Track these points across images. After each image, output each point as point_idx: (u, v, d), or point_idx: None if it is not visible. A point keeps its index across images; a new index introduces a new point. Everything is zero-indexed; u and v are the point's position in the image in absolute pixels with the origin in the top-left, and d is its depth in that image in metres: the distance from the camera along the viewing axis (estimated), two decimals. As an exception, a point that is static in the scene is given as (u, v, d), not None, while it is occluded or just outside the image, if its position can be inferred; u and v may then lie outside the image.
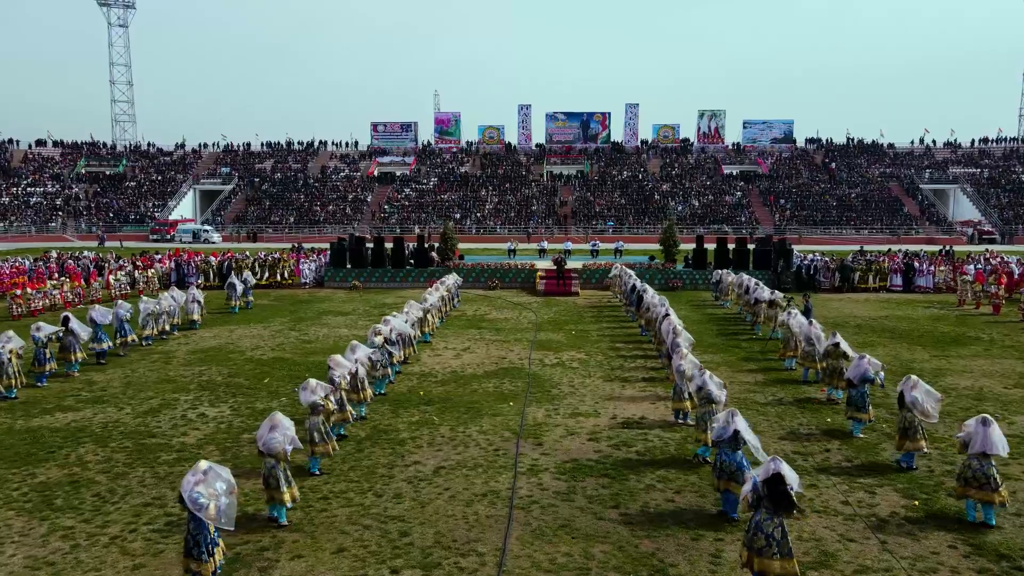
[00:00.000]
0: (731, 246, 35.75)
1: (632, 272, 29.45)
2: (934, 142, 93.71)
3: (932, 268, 33.93)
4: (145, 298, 23.08)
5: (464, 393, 16.29)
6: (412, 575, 8.49)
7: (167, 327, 22.42)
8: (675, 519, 9.97)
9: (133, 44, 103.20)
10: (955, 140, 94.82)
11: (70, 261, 35.51)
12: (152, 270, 33.35)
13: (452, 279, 28.13)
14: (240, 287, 27.64)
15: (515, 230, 73.77)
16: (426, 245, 36.93)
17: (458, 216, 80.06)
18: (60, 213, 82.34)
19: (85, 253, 39.88)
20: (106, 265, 34.34)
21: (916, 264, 34.28)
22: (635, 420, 14.44)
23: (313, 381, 11.92)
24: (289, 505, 9.80)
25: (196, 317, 23.98)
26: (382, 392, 16.14)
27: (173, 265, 35.17)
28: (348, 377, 13.30)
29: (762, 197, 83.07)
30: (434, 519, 9.95)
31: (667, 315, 18.37)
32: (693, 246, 37.37)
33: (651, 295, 22.36)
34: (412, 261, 36.91)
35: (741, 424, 9.85)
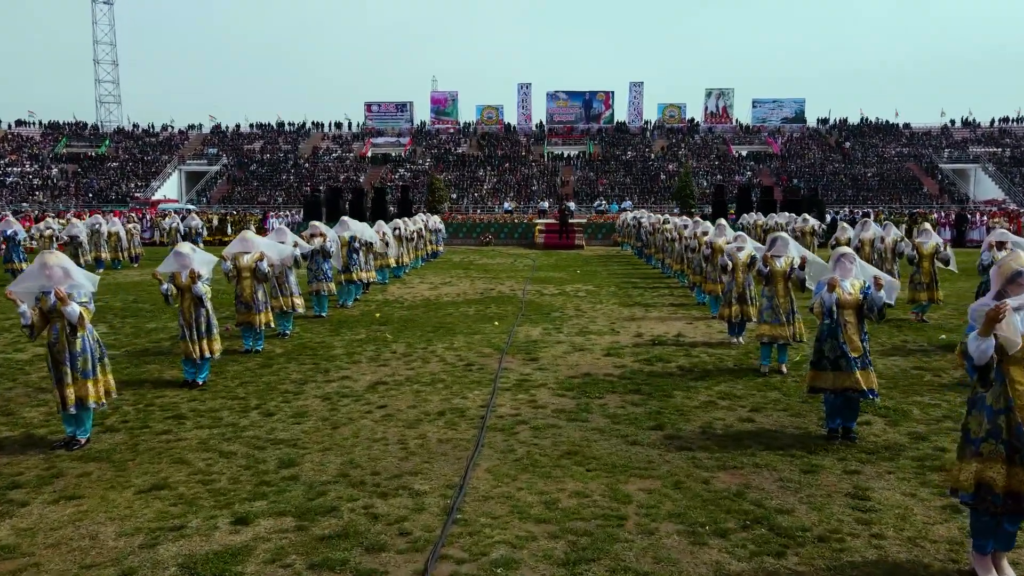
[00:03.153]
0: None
1: (646, 212, 25.28)
2: (952, 122, 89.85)
3: (986, 220, 29.76)
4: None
5: (435, 316, 12.15)
6: (273, 527, 4.35)
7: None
8: (765, 444, 5.81)
9: (119, 23, 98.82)
10: (974, 120, 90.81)
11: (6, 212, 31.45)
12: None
13: (437, 219, 23.95)
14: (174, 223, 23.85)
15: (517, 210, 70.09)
16: (411, 196, 32.80)
17: (455, 196, 76.05)
18: (38, 193, 78.54)
19: (24, 205, 35.84)
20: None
21: (969, 216, 30.11)
22: (670, 337, 10.29)
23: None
24: (93, 405, 5.71)
25: (105, 255, 19.99)
26: (323, 314, 11.99)
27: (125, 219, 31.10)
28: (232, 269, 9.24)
29: (774, 177, 79.00)
30: (347, 444, 5.81)
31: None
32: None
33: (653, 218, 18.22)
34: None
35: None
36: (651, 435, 6.01)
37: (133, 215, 26.96)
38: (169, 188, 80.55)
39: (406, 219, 19.15)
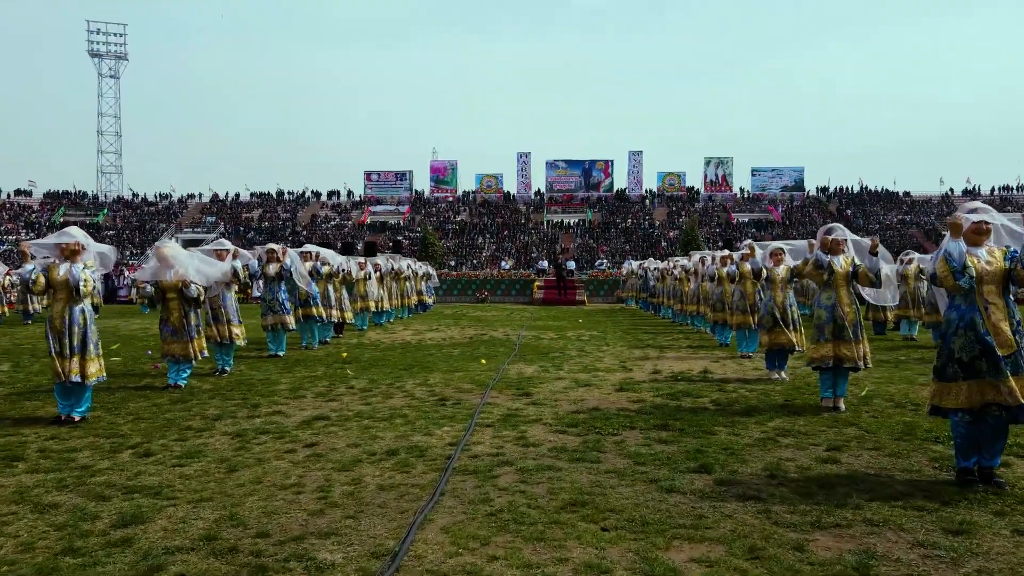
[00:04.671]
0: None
1: (653, 260, 23.61)
2: (952, 190, 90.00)
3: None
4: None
5: (412, 356, 10.25)
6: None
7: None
8: (870, 492, 3.87)
9: (123, 94, 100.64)
10: (976, 188, 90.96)
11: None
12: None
13: (426, 267, 22.21)
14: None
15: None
16: (401, 239, 31.33)
17: (453, 263, 75.16)
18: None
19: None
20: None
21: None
22: (695, 374, 8.37)
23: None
24: None
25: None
26: (279, 353, 10.10)
27: (101, 277, 29.38)
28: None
29: (777, 243, 78.08)
30: (239, 493, 3.87)
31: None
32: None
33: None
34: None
35: None
36: (694, 480, 4.07)
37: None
38: (164, 256, 79.52)
39: (389, 256, 17.43)
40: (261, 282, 10.57)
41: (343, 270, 12.28)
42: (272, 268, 10.11)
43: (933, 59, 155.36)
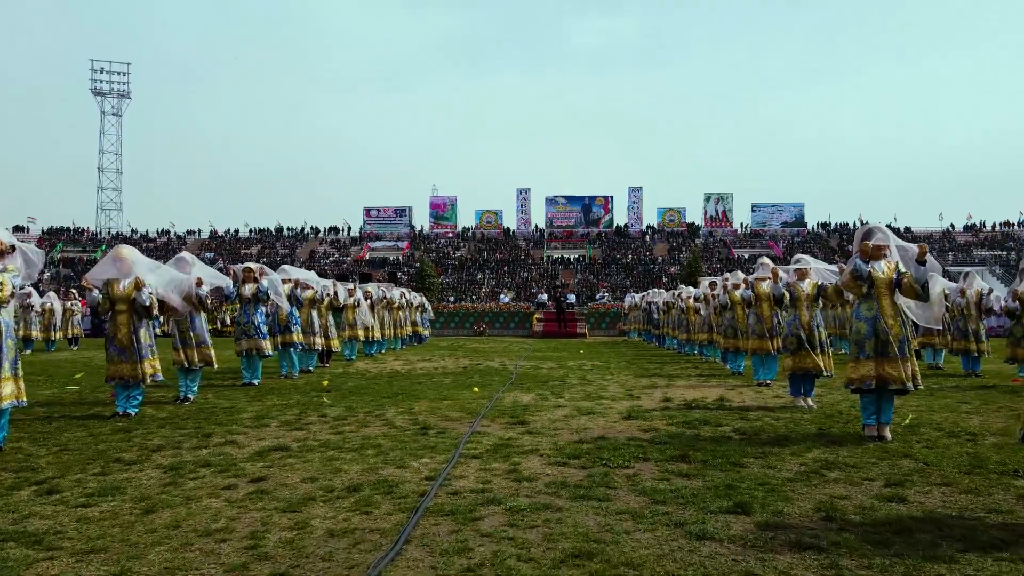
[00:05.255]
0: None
1: (656, 289, 22.82)
2: (952, 226, 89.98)
3: None
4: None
5: (398, 384, 9.37)
6: None
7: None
8: (963, 540, 3.01)
9: (125, 132, 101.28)
10: (978, 223, 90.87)
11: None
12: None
13: (421, 298, 21.39)
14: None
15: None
16: (399, 274, 30.67)
17: (452, 299, 74.61)
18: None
19: None
20: None
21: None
22: (711, 402, 7.50)
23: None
24: None
25: (37, 333, 17.53)
26: (253, 381, 9.24)
27: (89, 310, 28.60)
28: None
29: (779, 278, 77.51)
30: (145, 541, 3.01)
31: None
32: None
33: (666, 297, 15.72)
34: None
35: None
36: (730, 522, 3.21)
37: (74, 293, 24.25)
38: (161, 292, 78.88)
39: (381, 285, 16.65)
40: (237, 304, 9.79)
41: (327, 294, 11.50)
42: (248, 289, 9.32)
43: (931, 99, 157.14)
